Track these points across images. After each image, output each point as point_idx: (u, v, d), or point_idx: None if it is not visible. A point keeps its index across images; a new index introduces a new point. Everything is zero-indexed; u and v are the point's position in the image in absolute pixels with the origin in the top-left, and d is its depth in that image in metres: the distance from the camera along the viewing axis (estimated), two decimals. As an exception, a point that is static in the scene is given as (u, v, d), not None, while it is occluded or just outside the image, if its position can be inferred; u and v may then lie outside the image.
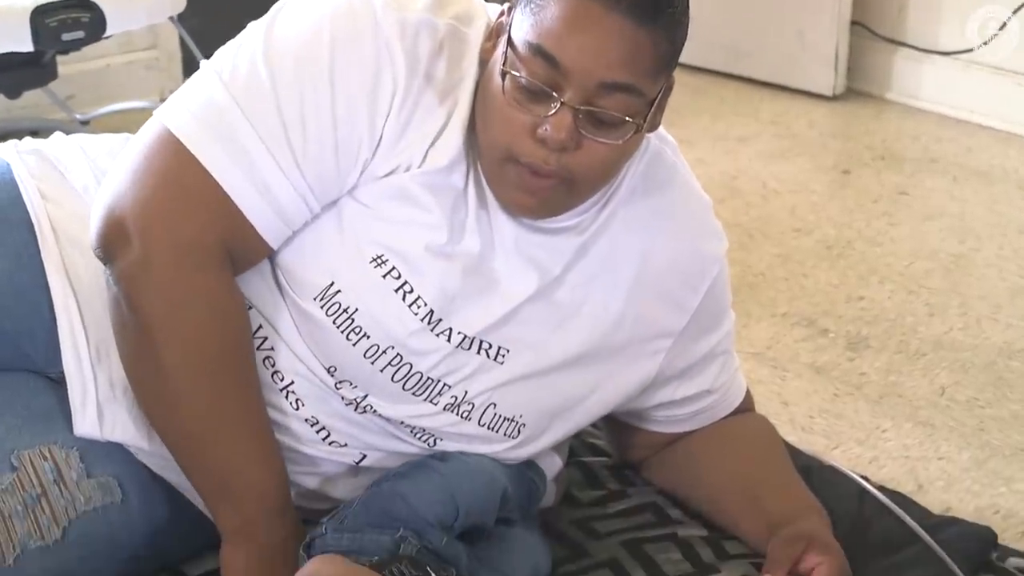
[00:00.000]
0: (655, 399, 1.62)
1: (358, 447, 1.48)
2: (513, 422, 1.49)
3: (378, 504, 1.40)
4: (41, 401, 1.45)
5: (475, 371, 1.46)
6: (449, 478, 1.42)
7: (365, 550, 1.35)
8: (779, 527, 1.55)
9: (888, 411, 2.19)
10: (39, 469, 1.41)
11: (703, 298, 1.56)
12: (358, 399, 1.45)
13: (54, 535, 1.40)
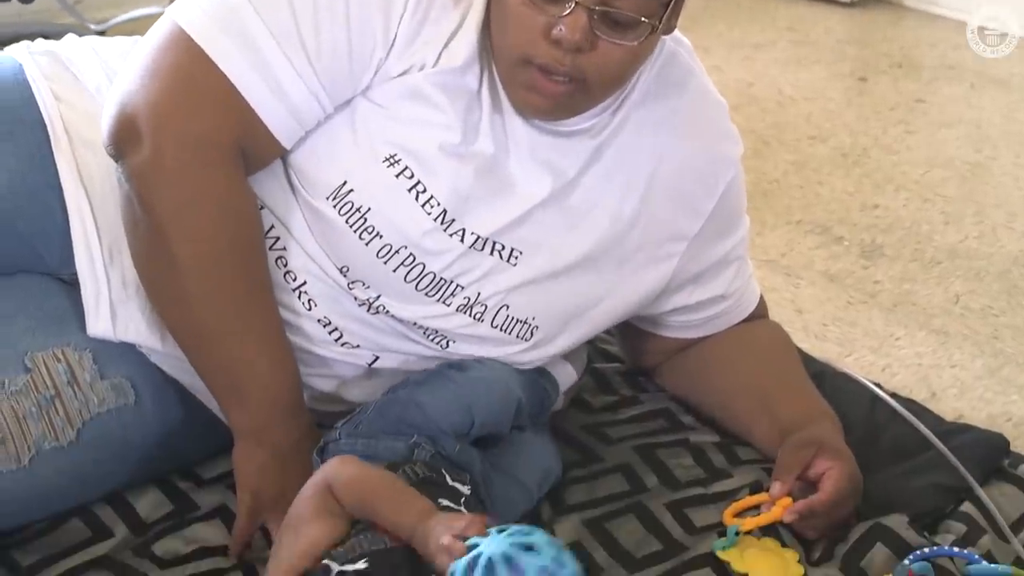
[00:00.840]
0: (669, 304, 1.61)
1: (371, 348, 1.48)
2: (526, 324, 1.49)
3: (394, 411, 1.40)
4: (54, 303, 1.45)
5: (488, 272, 1.45)
6: (465, 388, 1.43)
7: (379, 456, 1.35)
8: (790, 433, 1.55)
9: (902, 319, 2.18)
10: (53, 371, 1.41)
11: (718, 202, 1.55)
12: (371, 299, 1.45)
13: (68, 436, 1.41)
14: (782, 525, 1.47)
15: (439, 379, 1.44)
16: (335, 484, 1.23)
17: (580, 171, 1.47)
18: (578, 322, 1.53)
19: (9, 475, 1.37)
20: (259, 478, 1.41)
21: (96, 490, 1.46)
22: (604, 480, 1.56)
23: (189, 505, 1.49)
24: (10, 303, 1.43)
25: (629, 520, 1.50)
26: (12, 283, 1.45)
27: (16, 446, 1.38)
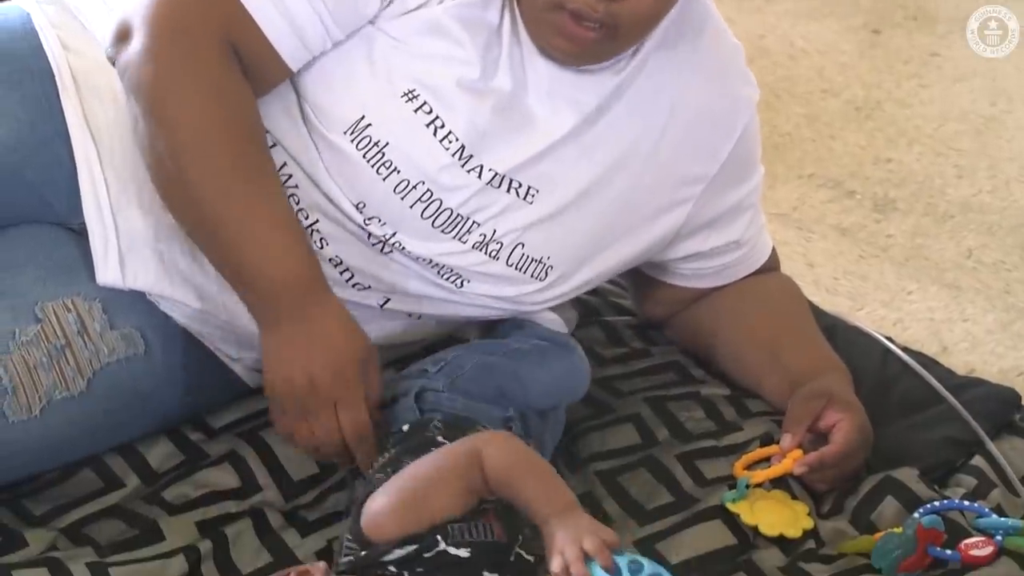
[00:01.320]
0: (683, 250, 1.61)
1: (382, 290, 1.48)
2: (541, 264, 1.49)
3: (495, 380, 1.42)
4: (63, 253, 1.45)
5: (504, 209, 1.45)
6: (557, 373, 1.47)
7: (480, 420, 1.37)
8: (800, 385, 1.55)
9: (914, 273, 2.18)
10: (63, 320, 1.41)
11: (735, 145, 1.55)
12: (386, 236, 1.44)
13: (79, 386, 1.41)
14: (792, 477, 1.47)
15: (536, 357, 1.46)
16: (489, 459, 1.21)
17: (599, 110, 1.46)
18: (592, 263, 1.53)
19: (20, 425, 1.38)
20: (280, 368, 1.36)
21: (107, 440, 1.46)
22: (615, 433, 1.56)
23: (200, 455, 1.49)
24: (20, 253, 1.43)
25: (640, 472, 1.50)
26: (21, 233, 1.45)
27: (27, 396, 1.38)
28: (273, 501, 1.44)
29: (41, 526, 1.39)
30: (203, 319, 1.47)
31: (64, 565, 1.31)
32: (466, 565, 1.19)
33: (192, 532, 1.39)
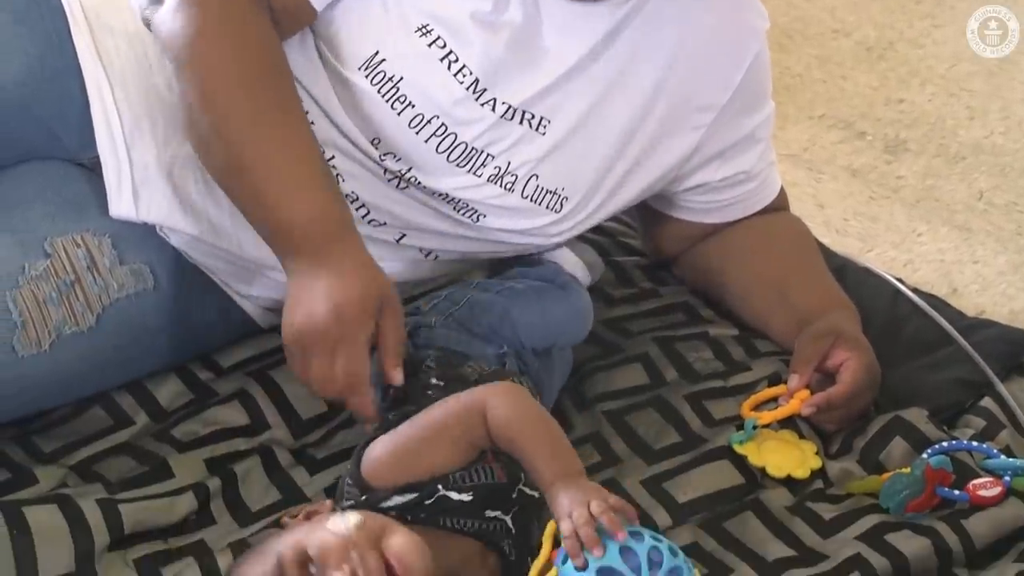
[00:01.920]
0: (695, 179, 1.60)
1: (398, 226, 1.48)
2: (556, 195, 1.49)
3: (487, 318, 1.41)
4: (73, 188, 1.44)
5: (518, 141, 1.45)
6: (550, 311, 1.46)
7: (474, 356, 1.37)
8: (808, 323, 1.55)
9: (924, 215, 2.17)
10: (72, 256, 1.41)
11: (745, 74, 1.55)
12: (402, 172, 1.44)
13: (88, 322, 1.41)
14: (800, 418, 1.47)
15: (528, 297, 1.45)
16: (494, 414, 1.19)
17: (608, 38, 1.46)
18: (606, 192, 1.52)
19: (30, 360, 1.38)
20: (292, 311, 1.31)
21: (117, 376, 1.47)
22: (623, 373, 1.56)
23: (209, 393, 1.49)
24: (29, 189, 1.43)
25: (648, 412, 1.51)
26: (30, 169, 1.44)
27: (37, 331, 1.38)
28: (282, 439, 1.45)
29: (51, 463, 1.40)
30: (215, 254, 1.46)
31: (74, 501, 1.31)
32: (469, 507, 1.19)
33: (201, 469, 1.40)
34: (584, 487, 1.13)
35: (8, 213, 1.41)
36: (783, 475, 1.43)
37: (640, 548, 1.09)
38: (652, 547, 1.09)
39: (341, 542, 1.11)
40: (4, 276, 1.37)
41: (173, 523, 1.34)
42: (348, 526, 1.12)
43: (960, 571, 1.33)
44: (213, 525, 1.35)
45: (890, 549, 1.32)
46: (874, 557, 1.31)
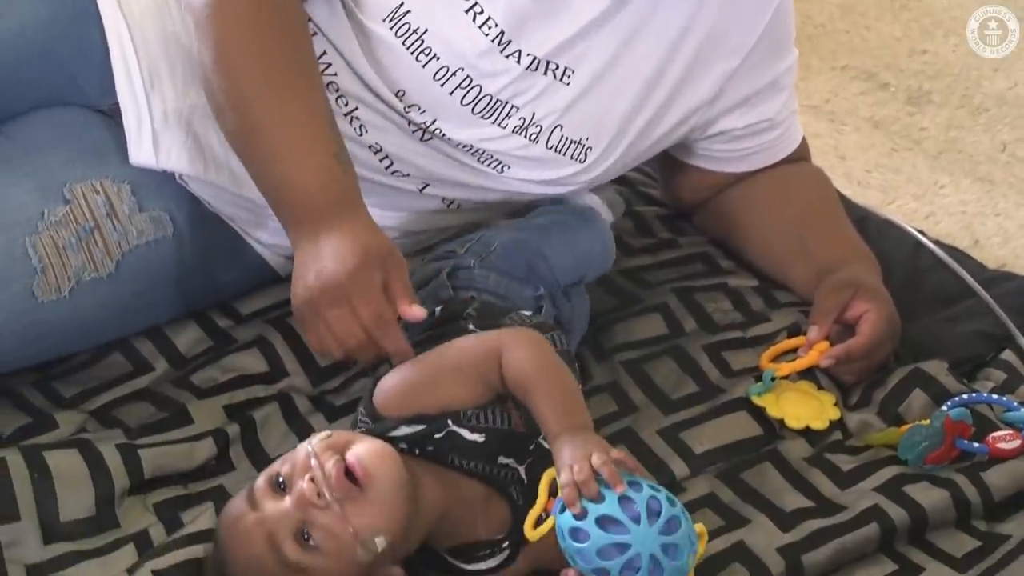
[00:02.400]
0: (718, 127, 1.59)
1: (421, 176, 1.48)
2: (580, 145, 1.48)
3: (523, 257, 1.41)
4: (93, 135, 1.44)
5: (542, 92, 1.45)
6: (577, 243, 1.46)
7: (512, 299, 1.37)
8: (828, 274, 1.54)
9: (947, 167, 2.15)
10: (91, 202, 1.41)
11: (770, 20, 1.54)
12: (426, 124, 1.44)
13: (108, 268, 1.41)
14: (819, 369, 1.47)
15: (562, 232, 1.46)
16: (510, 361, 1.20)
17: None
18: (630, 141, 1.52)
19: (50, 305, 1.38)
20: (299, 280, 1.30)
21: (136, 323, 1.47)
22: (642, 323, 1.56)
23: (228, 340, 1.50)
24: (49, 134, 1.43)
25: (666, 362, 1.50)
26: (50, 115, 1.44)
27: (56, 277, 1.38)
28: (300, 386, 1.45)
29: (71, 408, 1.40)
30: (235, 202, 1.46)
31: (94, 446, 1.32)
32: (481, 448, 1.19)
33: (220, 416, 1.40)
34: (588, 440, 1.14)
35: (28, 158, 1.41)
36: (801, 426, 1.42)
37: (639, 497, 1.09)
38: (651, 496, 1.10)
39: (305, 456, 1.13)
40: (23, 221, 1.37)
41: (192, 468, 1.35)
42: (313, 442, 1.14)
43: (978, 523, 1.33)
44: (232, 471, 1.36)
45: (908, 500, 1.32)
46: (892, 508, 1.31)
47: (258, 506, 1.13)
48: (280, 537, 1.11)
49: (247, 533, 1.13)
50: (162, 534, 1.27)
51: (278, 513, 1.12)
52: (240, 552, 1.14)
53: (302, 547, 1.11)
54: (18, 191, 1.38)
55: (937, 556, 1.29)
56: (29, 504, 1.27)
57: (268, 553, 1.12)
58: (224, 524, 1.17)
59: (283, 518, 1.12)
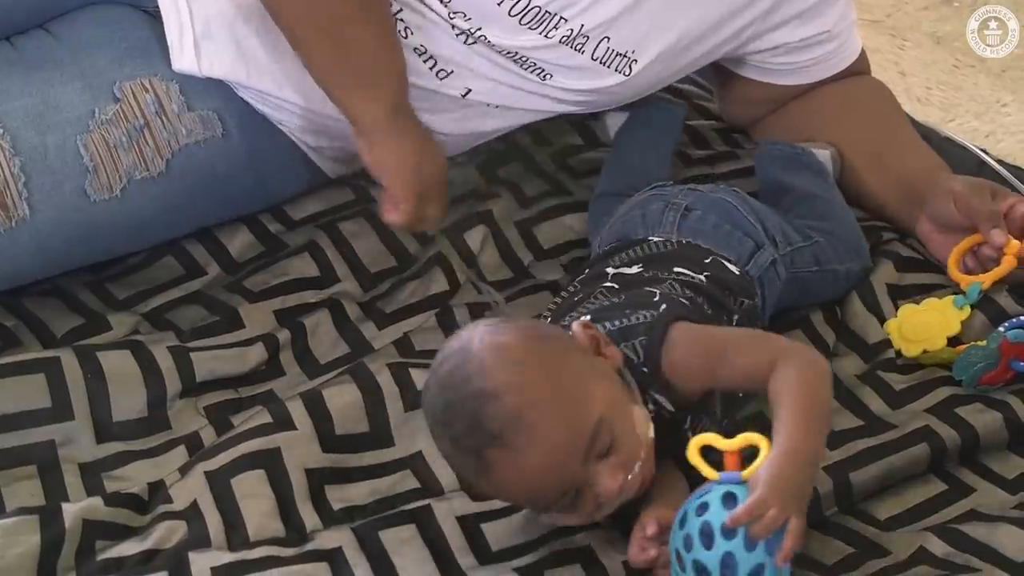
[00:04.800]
0: (774, 39, 1.56)
1: (464, 78, 1.46)
2: (625, 57, 1.47)
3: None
4: (139, 35, 1.43)
5: (592, 3, 1.43)
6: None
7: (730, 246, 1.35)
8: (909, 184, 1.52)
9: (1010, 84, 2.12)
10: (141, 101, 1.40)
11: None
12: (472, 30, 1.42)
13: (158, 167, 1.41)
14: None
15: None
16: (781, 371, 1.12)
17: None
18: (677, 54, 1.50)
19: (102, 204, 1.38)
20: (415, 167, 1.39)
21: (187, 224, 1.48)
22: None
23: (279, 245, 1.50)
24: (95, 33, 1.42)
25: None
26: (96, 13, 1.44)
27: (108, 175, 1.38)
28: (351, 292, 1.45)
29: (124, 310, 1.41)
30: (281, 106, 1.45)
31: (147, 348, 1.33)
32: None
33: (271, 321, 1.41)
34: (786, 493, 1.03)
35: (76, 57, 1.40)
36: (918, 352, 1.39)
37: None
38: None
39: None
40: (74, 120, 1.37)
41: (243, 373, 1.35)
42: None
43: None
44: (282, 376, 1.36)
45: (960, 421, 1.30)
46: (943, 429, 1.29)
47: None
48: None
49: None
50: (212, 436, 1.29)
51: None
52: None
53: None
54: (68, 90, 1.38)
55: (988, 477, 1.28)
56: (82, 403, 1.28)
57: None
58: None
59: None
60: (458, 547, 1.18)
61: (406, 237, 1.52)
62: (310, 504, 1.21)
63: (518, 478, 1.07)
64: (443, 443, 1.10)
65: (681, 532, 1.05)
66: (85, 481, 1.25)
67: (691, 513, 1.05)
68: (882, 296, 1.47)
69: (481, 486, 1.12)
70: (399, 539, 1.18)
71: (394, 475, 1.26)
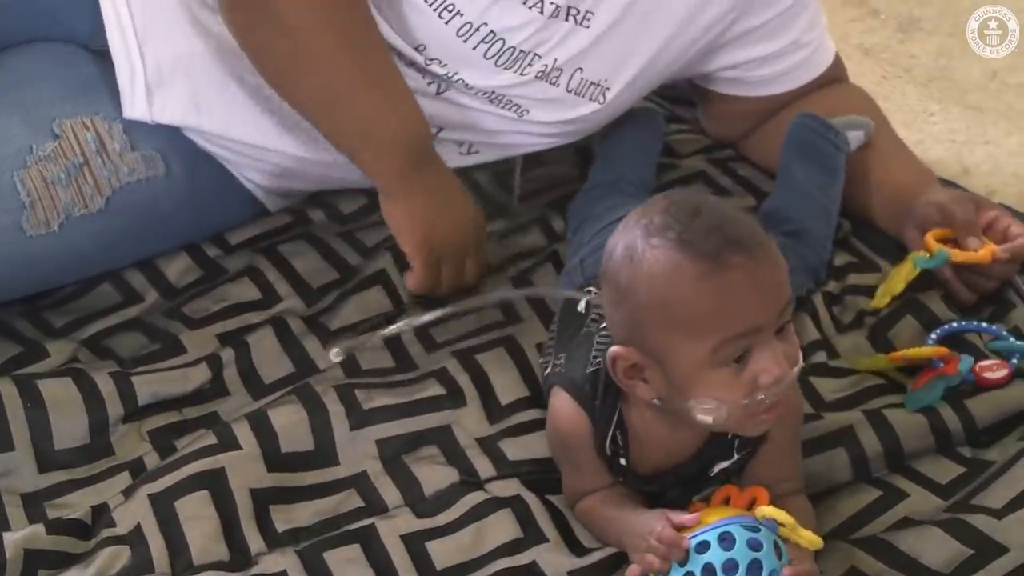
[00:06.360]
0: (743, 55, 1.58)
1: (434, 124, 1.46)
2: (599, 87, 1.48)
3: None
4: (84, 71, 1.43)
5: (564, 38, 1.44)
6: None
7: None
8: (896, 192, 1.54)
9: (936, 94, 2.14)
10: (81, 139, 1.40)
11: None
12: (447, 75, 1.44)
13: (97, 204, 1.41)
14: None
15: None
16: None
17: None
18: (648, 78, 1.52)
19: (40, 239, 1.39)
20: (424, 225, 1.39)
21: (126, 258, 1.48)
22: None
23: (218, 270, 1.50)
24: (38, 68, 1.43)
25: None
26: (41, 49, 1.45)
27: (45, 211, 1.38)
28: (295, 308, 1.45)
29: (62, 337, 1.41)
30: (230, 147, 1.46)
31: (87, 374, 1.33)
32: None
33: (213, 344, 1.41)
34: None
35: (17, 91, 1.40)
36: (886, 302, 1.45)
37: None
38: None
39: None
40: (12, 155, 1.37)
41: (187, 393, 1.35)
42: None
43: (963, 449, 1.33)
44: (227, 396, 1.36)
45: (884, 425, 1.30)
46: (866, 435, 1.30)
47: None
48: None
49: None
50: (156, 461, 1.28)
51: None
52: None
53: None
54: (7, 123, 1.38)
55: (921, 482, 1.29)
56: (23, 433, 1.28)
57: None
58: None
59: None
60: (403, 566, 1.18)
61: (347, 250, 1.52)
62: (255, 525, 1.21)
63: (742, 286, 1.08)
64: (664, 244, 1.09)
65: (682, 570, 1.09)
66: (27, 511, 1.24)
67: (692, 552, 1.09)
68: (819, 303, 1.48)
69: (688, 297, 1.09)
70: (344, 559, 1.19)
71: (338, 494, 1.26)
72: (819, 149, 1.56)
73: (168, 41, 1.42)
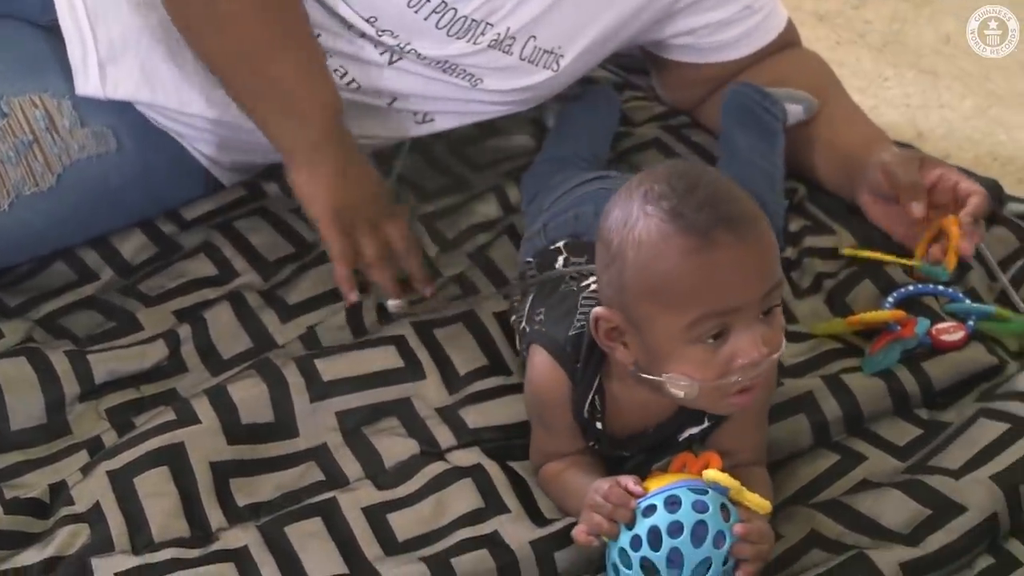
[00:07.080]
0: (697, 22, 1.58)
1: (389, 95, 1.47)
2: (552, 54, 1.48)
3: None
4: (31, 48, 1.42)
5: (516, 6, 1.44)
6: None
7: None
8: (848, 155, 1.53)
9: (891, 59, 2.15)
10: (30, 116, 1.39)
11: None
12: (400, 46, 1.43)
13: (48, 182, 1.40)
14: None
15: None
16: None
17: None
18: (601, 44, 1.52)
19: (-10, 218, 1.37)
20: (332, 193, 1.37)
21: (78, 235, 1.46)
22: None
23: (174, 247, 1.49)
24: (-16, 44, 1.40)
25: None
26: (-12, 26, 1.42)
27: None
28: (252, 282, 1.44)
29: (16, 317, 1.40)
30: (181, 120, 1.45)
31: (42, 353, 1.32)
32: None
33: (170, 320, 1.40)
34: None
35: (-38, 70, 1.38)
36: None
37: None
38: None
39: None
40: (-42, 134, 1.36)
41: (145, 370, 1.34)
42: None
43: (920, 411, 1.34)
44: (186, 372, 1.35)
45: (843, 389, 1.31)
46: (826, 401, 1.30)
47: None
48: None
49: None
50: (114, 440, 1.27)
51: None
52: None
53: None
54: (-48, 102, 1.37)
55: (879, 444, 1.30)
56: (-23, 414, 1.27)
57: None
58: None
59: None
60: (364, 539, 1.18)
61: (302, 225, 1.51)
62: (215, 500, 1.21)
63: (727, 265, 1.07)
64: (658, 213, 1.09)
65: (629, 533, 1.09)
66: (-16, 493, 1.23)
67: (639, 516, 1.09)
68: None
69: (671, 270, 1.08)
70: (305, 533, 1.18)
71: (299, 467, 1.26)
72: (757, 116, 1.56)
73: (117, 17, 1.41)
